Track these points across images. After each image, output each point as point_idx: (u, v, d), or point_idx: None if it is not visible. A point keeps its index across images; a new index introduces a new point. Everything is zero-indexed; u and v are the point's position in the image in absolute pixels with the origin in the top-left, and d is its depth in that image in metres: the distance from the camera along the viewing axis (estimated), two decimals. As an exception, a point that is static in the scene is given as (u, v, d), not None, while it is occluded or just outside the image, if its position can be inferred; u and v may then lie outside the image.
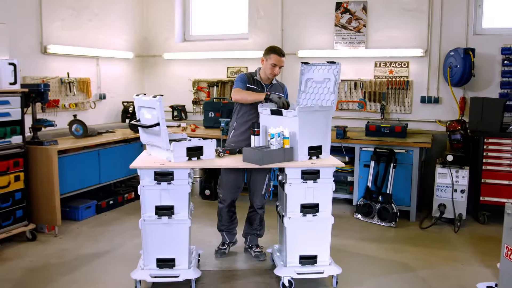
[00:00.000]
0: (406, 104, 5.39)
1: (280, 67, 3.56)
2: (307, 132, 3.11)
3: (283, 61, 3.57)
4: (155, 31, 6.55)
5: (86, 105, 5.54)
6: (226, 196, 3.72)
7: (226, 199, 3.72)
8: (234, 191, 3.72)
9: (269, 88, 3.63)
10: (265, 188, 3.70)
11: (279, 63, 3.54)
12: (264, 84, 3.64)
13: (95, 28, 5.68)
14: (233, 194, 3.73)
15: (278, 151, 3.02)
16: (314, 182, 3.10)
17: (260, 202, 3.74)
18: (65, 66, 5.24)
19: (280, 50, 3.59)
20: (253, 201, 3.76)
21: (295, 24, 5.80)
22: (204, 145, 3.13)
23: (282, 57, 3.56)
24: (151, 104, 2.99)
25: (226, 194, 3.72)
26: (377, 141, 4.85)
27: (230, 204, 3.75)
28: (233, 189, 3.70)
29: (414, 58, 5.33)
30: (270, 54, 3.56)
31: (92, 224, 4.66)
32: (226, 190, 3.71)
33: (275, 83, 3.70)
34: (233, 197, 3.74)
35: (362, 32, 5.49)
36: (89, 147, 4.82)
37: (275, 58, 3.53)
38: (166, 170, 2.98)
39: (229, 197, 3.72)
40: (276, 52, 3.55)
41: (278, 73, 3.61)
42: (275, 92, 3.59)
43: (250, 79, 3.64)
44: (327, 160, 3.17)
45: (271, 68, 3.55)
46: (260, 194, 3.71)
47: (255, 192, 3.72)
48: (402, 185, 4.76)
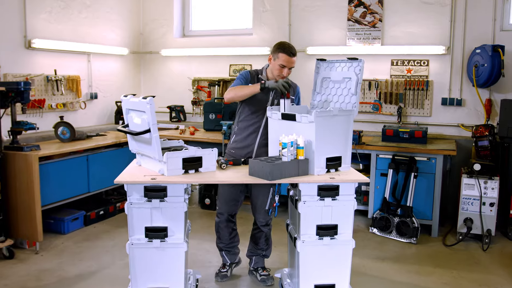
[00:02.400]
0: (426, 106, 4.92)
1: (290, 69, 3.08)
2: (325, 141, 2.64)
3: (294, 62, 3.07)
4: (152, 25, 6.09)
5: (76, 106, 5.07)
6: (222, 208, 3.27)
7: (223, 212, 3.27)
8: (232, 204, 3.26)
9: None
10: (269, 203, 3.22)
11: (288, 64, 3.05)
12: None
13: (86, 21, 5.21)
14: (231, 207, 3.26)
15: (291, 163, 2.55)
16: (332, 200, 2.63)
17: (264, 218, 3.27)
18: (52, 62, 4.78)
19: (291, 49, 3.05)
20: (256, 217, 3.30)
21: (304, 18, 5.33)
22: (203, 155, 2.66)
23: (293, 57, 3.05)
24: (140, 106, 2.52)
25: (222, 206, 3.27)
26: (396, 147, 4.38)
27: (228, 218, 3.29)
28: (230, 202, 3.24)
29: (434, 56, 4.86)
30: (278, 53, 3.05)
31: (79, 238, 4.20)
32: (222, 202, 3.26)
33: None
34: (231, 210, 3.28)
35: (378, 27, 5.02)
36: (77, 152, 4.36)
37: (284, 59, 3.03)
38: (158, 186, 2.51)
39: (226, 211, 3.26)
40: (286, 51, 3.03)
41: (288, 75, 3.11)
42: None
43: (254, 78, 3.19)
44: (348, 174, 2.70)
45: (279, 70, 3.07)
46: (263, 210, 3.24)
47: (258, 208, 3.25)
48: (423, 197, 4.29)
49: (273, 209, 3.18)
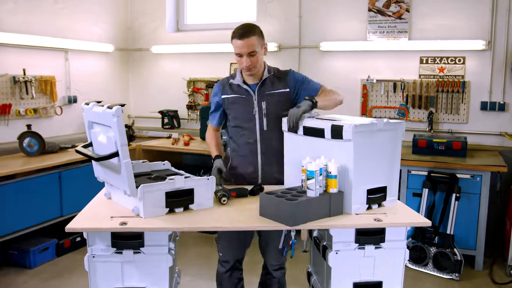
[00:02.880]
0: (461, 111, 4.17)
1: (251, 55, 2.28)
2: (366, 166, 1.90)
3: (249, 44, 2.26)
4: (142, 18, 5.33)
5: (50, 111, 4.32)
6: (226, 255, 2.48)
7: (228, 260, 2.48)
8: (240, 248, 2.49)
9: (259, 88, 2.40)
10: (283, 240, 2.39)
11: (241, 49, 2.28)
12: (249, 84, 2.42)
13: (64, 12, 4.45)
14: (238, 251, 2.50)
15: (319, 200, 1.80)
16: (376, 248, 1.89)
17: (276, 261, 2.50)
18: (19, 60, 4.02)
19: (239, 29, 2.30)
20: (266, 260, 2.54)
21: (316, 9, 4.58)
22: (195, 187, 1.91)
23: (243, 38, 2.26)
24: (105, 119, 1.77)
25: (226, 252, 2.48)
26: (432, 162, 3.63)
27: (234, 266, 2.51)
28: (237, 245, 2.47)
29: (472, 52, 4.11)
30: (231, 39, 2.34)
31: (49, 274, 3.45)
32: (226, 246, 2.47)
33: (269, 76, 2.42)
34: (238, 255, 2.51)
35: (404, 18, 4.27)
36: (47, 169, 3.60)
37: (235, 44, 2.31)
38: (131, 232, 1.76)
39: (232, 257, 2.48)
40: (233, 35, 2.31)
41: (251, 64, 2.30)
42: (272, 90, 2.40)
43: (225, 87, 2.46)
44: (398, 212, 1.94)
45: (238, 61, 2.35)
46: (275, 250, 2.43)
47: (269, 247, 2.47)
48: (465, 222, 3.55)
49: (289, 248, 2.41)
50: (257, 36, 2.30)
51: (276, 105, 2.39)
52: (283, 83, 2.42)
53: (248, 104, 2.40)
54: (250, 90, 2.41)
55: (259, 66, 2.35)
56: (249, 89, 2.41)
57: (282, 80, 2.43)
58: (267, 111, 2.38)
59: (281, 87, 2.41)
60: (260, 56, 2.34)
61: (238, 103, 2.42)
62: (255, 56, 2.29)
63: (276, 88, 2.41)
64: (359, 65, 4.48)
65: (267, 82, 2.42)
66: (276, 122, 2.35)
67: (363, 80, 4.44)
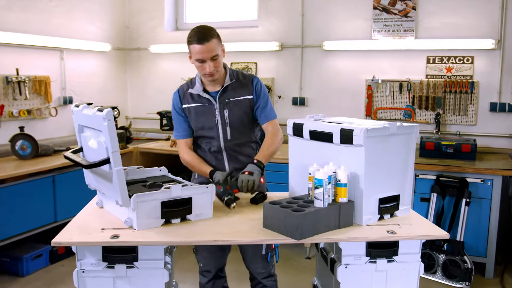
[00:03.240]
0: (470, 113, 4.03)
1: (213, 59, 2.11)
2: (377, 174, 1.76)
3: (212, 49, 2.07)
4: (140, 17, 5.19)
5: (44, 112, 4.17)
6: (207, 264, 2.34)
7: (209, 269, 2.35)
8: (220, 256, 2.34)
9: (220, 96, 2.23)
10: (266, 245, 2.22)
11: (203, 55, 2.08)
12: (210, 92, 2.25)
13: (59, 10, 4.31)
14: (219, 260, 2.36)
15: (328, 211, 1.66)
16: (388, 262, 1.75)
17: (263, 267, 2.31)
18: (12, 60, 3.89)
19: (199, 33, 2.09)
20: (252, 269, 2.36)
21: (320, 7, 4.44)
22: (193, 196, 1.77)
23: (204, 42, 2.06)
24: (95, 123, 1.63)
25: (207, 261, 2.34)
26: (440, 165, 3.49)
27: (216, 274, 2.37)
28: (217, 252, 2.32)
29: (481, 52, 3.97)
30: (188, 46, 2.14)
31: (42, 282, 3.31)
32: (206, 256, 2.33)
33: (231, 82, 2.25)
34: (219, 263, 2.37)
35: (411, 16, 4.13)
36: (41, 173, 3.46)
37: (196, 50, 2.10)
38: (123, 246, 1.62)
39: (213, 266, 2.34)
40: (193, 40, 2.09)
41: (215, 69, 2.13)
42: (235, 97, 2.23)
43: (185, 96, 2.28)
44: (413, 223, 1.80)
45: (199, 67, 2.15)
46: (259, 256, 2.26)
47: (250, 253, 2.30)
48: (476, 228, 3.41)
49: (273, 253, 2.26)
50: (216, 39, 2.13)
51: (239, 113, 2.24)
52: (247, 89, 2.26)
53: (210, 113, 2.24)
54: (211, 99, 2.24)
55: (221, 70, 2.20)
56: (210, 97, 2.24)
57: (246, 86, 2.26)
58: (229, 119, 2.23)
59: (245, 94, 2.25)
60: (221, 59, 2.17)
61: (199, 113, 2.25)
62: (217, 60, 2.13)
63: (238, 95, 2.24)
64: (363, 65, 4.33)
65: (229, 89, 2.25)
66: (241, 129, 2.24)
67: (367, 81, 4.30)
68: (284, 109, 4.62)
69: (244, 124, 2.25)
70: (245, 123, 2.25)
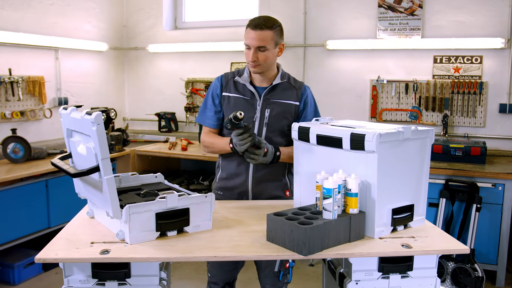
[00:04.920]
0: (478, 114, 3.90)
1: (260, 50, 2.02)
2: (391, 182, 1.62)
3: (263, 38, 2.00)
4: (138, 16, 5.06)
5: (39, 114, 4.04)
6: (216, 276, 2.21)
7: (217, 282, 2.21)
8: (231, 269, 2.21)
9: (267, 93, 2.12)
10: (279, 262, 2.12)
11: (251, 41, 2.02)
12: (256, 86, 2.14)
13: (54, 9, 4.18)
14: (229, 274, 2.22)
15: (338, 223, 1.52)
16: (402, 278, 1.61)
17: (271, 284, 2.19)
18: (5, 59, 3.75)
19: (255, 20, 2.04)
20: (261, 282, 2.24)
21: (323, 5, 4.31)
22: (191, 206, 1.63)
23: (258, 29, 2.00)
24: (84, 127, 1.50)
25: (216, 273, 2.21)
26: (449, 169, 3.35)
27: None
28: (228, 265, 2.19)
29: (490, 51, 3.83)
30: (246, 28, 2.07)
31: (34, 291, 3.18)
32: (216, 267, 2.20)
33: (281, 82, 2.15)
34: (228, 278, 2.23)
35: (417, 15, 3.99)
36: (33, 177, 3.33)
37: (247, 35, 2.04)
38: (115, 262, 1.49)
39: (222, 279, 2.21)
40: (249, 24, 2.05)
41: (258, 60, 2.03)
42: (281, 99, 2.12)
43: (228, 83, 2.16)
44: (429, 235, 1.67)
45: (246, 53, 2.08)
46: (271, 273, 2.16)
47: (263, 269, 2.19)
48: (486, 235, 3.28)
49: (286, 272, 2.14)
50: (274, 32, 2.03)
51: (281, 116, 2.12)
52: (295, 95, 2.16)
53: (250, 108, 2.12)
54: (256, 93, 2.13)
55: (267, 65, 2.08)
56: (255, 91, 2.13)
57: (295, 91, 2.16)
58: (269, 120, 2.11)
59: (292, 99, 2.15)
60: (271, 54, 2.06)
61: (239, 105, 2.13)
62: (264, 53, 2.03)
63: (285, 98, 2.14)
64: (368, 65, 4.20)
65: (277, 89, 2.14)
66: (277, 134, 2.12)
67: (372, 81, 4.17)
68: (286, 111, 4.49)
69: (281, 129, 2.12)
70: (283, 128, 2.12)
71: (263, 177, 2.15)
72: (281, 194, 2.20)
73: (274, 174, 2.16)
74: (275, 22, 2.07)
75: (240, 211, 1.91)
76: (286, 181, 2.22)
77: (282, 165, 2.17)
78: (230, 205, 2.02)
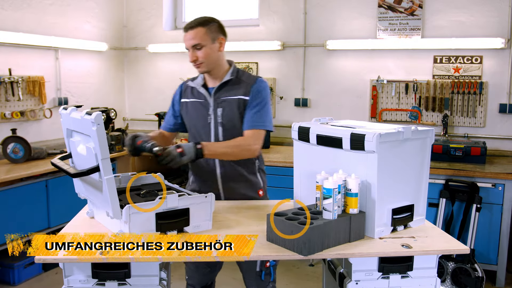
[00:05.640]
0: (478, 114, 3.90)
1: (196, 48, 2.01)
2: (391, 182, 1.62)
3: (194, 36, 2.00)
4: (138, 16, 5.05)
5: (39, 114, 4.03)
6: (192, 277, 2.21)
7: (193, 285, 2.21)
8: (206, 271, 2.19)
9: (215, 92, 2.09)
10: (260, 262, 2.06)
11: (186, 42, 2.04)
12: (208, 88, 2.13)
13: (54, 8, 4.17)
14: (205, 276, 2.20)
15: (338, 223, 1.53)
16: (402, 278, 1.61)
17: (256, 284, 2.13)
18: (5, 59, 3.74)
19: (189, 22, 2.07)
20: (246, 283, 2.19)
21: (323, 5, 4.31)
22: (191, 206, 1.63)
23: (189, 30, 2.03)
24: (84, 128, 1.50)
25: (193, 275, 2.20)
26: (449, 169, 3.35)
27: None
28: (204, 269, 2.18)
29: (490, 51, 3.84)
30: None
31: (34, 291, 3.18)
32: (192, 269, 2.19)
33: (230, 79, 2.10)
34: (205, 280, 2.21)
35: (417, 15, 3.99)
36: (33, 177, 3.33)
37: (183, 39, 2.07)
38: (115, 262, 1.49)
39: (198, 282, 2.20)
40: (183, 29, 2.08)
41: (197, 59, 2.02)
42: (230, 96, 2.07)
43: (186, 90, 2.18)
44: (428, 235, 1.67)
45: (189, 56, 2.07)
46: (254, 273, 2.10)
47: (245, 270, 2.14)
48: (486, 235, 3.28)
49: (267, 271, 2.08)
50: (206, 28, 2.02)
51: (232, 114, 2.06)
52: (245, 89, 2.07)
53: (204, 110, 2.10)
54: (207, 94, 2.10)
55: (210, 62, 2.05)
56: (206, 93, 2.11)
57: (245, 85, 2.08)
58: (222, 119, 2.07)
59: (241, 93, 2.07)
60: (210, 50, 2.03)
61: (193, 109, 2.12)
62: (202, 50, 2.01)
63: (234, 94, 2.07)
64: (368, 65, 4.20)
65: (227, 87, 2.09)
66: (234, 131, 2.05)
67: (372, 81, 4.17)
68: (286, 111, 4.49)
69: (237, 127, 2.07)
70: (239, 126, 2.07)
71: (231, 178, 2.11)
72: (254, 194, 2.14)
73: (242, 174, 2.11)
74: (209, 19, 2.06)
75: (240, 211, 1.91)
76: (257, 180, 2.16)
77: (250, 164, 2.12)
78: (230, 205, 2.02)
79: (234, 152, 1.98)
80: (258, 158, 2.18)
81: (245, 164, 2.10)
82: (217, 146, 1.99)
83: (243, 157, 2.03)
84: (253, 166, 2.14)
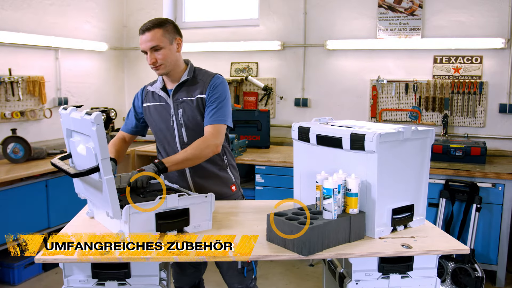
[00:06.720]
0: (478, 114, 3.90)
1: (154, 50, 1.99)
2: (391, 182, 1.62)
3: (151, 38, 1.98)
4: (138, 15, 5.05)
5: (39, 114, 4.03)
6: (179, 280, 2.21)
7: (181, 286, 2.22)
8: (191, 271, 2.19)
9: (174, 94, 2.09)
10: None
11: (143, 45, 2.01)
12: (168, 90, 2.12)
13: (54, 8, 4.17)
14: (190, 276, 2.20)
15: (338, 223, 1.53)
16: (402, 278, 1.61)
17: (239, 282, 2.12)
18: (5, 59, 3.75)
19: (142, 26, 2.04)
20: (228, 284, 2.18)
21: (323, 5, 4.31)
22: (191, 206, 1.63)
23: (145, 33, 1.99)
24: (84, 128, 1.50)
25: (180, 278, 2.20)
26: (449, 169, 3.35)
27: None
28: (191, 270, 2.17)
29: (490, 51, 3.84)
30: None
31: (34, 292, 3.18)
32: (178, 272, 2.19)
33: (188, 79, 2.08)
34: (191, 280, 2.21)
35: (417, 15, 3.99)
36: (33, 177, 3.33)
37: (140, 42, 2.04)
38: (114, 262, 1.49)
39: (185, 282, 2.20)
40: (139, 32, 2.05)
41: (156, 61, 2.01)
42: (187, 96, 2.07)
43: (148, 94, 2.18)
44: (429, 235, 1.67)
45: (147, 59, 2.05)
46: (235, 270, 2.09)
47: (226, 269, 2.12)
48: (486, 235, 3.28)
49: (250, 268, 2.08)
50: (163, 29, 2.00)
51: (193, 113, 2.05)
52: (202, 88, 2.06)
53: (165, 113, 2.10)
54: (166, 97, 2.09)
55: (169, 64, 2.03)
56: (166, 95, 2.09)
57: (202, 84, 2.07)
58: (183, 120, 2.06)
59: (198, 93, 2.06)
60: (169, 51, 2.01)
61: (156, 112, 2.12)
62: (161, 51, 1.99)
63: (191, 94, 2.06)
64: (368, 65, 4.20)
65: (184, 87, 2.08)
66: (198, 131, 2.04)
67: (372, 81, 4.17)
68: (286, 111, 4.50)
69: (201, 126, 2.06)
70: (201, 125, 2.06)
71: (201, 176, 2.10)
72: (226, 190, 2.14)
73: (212, 171, 2.10)
74: (163, 20, 2.04)
75: (240, 211, 1.91)
76: (228, 176, 2.15)
77: (219, 160, 2.12)
78: (230, 205, 2.02)
79: (195, 155, 1.94)
80: (226, 154, 2.17)
81: (214, 161, 2.09)
82: (176, 156, 1.96)
83: (207, 157, 2.00)
84: (222, 163, 2.14)
